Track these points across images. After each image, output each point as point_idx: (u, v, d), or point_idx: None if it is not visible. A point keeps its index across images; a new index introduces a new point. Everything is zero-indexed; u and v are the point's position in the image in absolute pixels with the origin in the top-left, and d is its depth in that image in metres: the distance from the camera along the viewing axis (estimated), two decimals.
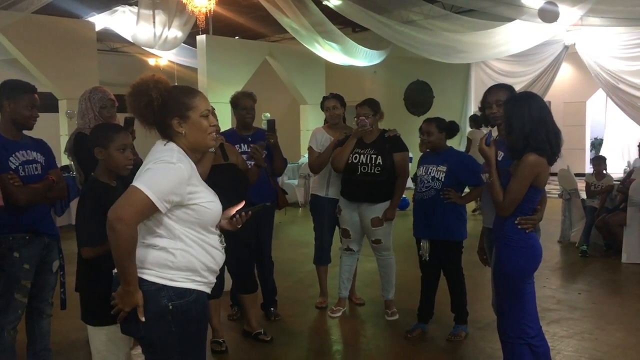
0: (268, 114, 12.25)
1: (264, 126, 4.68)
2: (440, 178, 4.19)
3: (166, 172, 2.11)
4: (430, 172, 4.25)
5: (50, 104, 11.96)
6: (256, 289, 4.38)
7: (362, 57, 12.76)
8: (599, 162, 7.52)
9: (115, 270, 2.25)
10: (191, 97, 2.25)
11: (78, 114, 4.13)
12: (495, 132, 3.43)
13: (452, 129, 4.39)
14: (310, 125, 13.84)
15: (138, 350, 3.20)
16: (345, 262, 4.91)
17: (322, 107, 5.06)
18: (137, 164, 2.56)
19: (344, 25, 12.51)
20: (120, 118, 3.77)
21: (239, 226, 2.48)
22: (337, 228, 5.07)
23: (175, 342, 2.19)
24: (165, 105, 2.20)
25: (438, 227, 4.23)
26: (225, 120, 9.49)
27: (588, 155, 15.70)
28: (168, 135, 2.24)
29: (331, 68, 14.58)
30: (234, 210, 2.45)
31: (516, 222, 2.95)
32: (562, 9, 8.96)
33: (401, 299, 5.03)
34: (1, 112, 3.35)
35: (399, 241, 5.46)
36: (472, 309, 4.92)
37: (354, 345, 4.46)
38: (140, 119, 2.24)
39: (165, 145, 2.22)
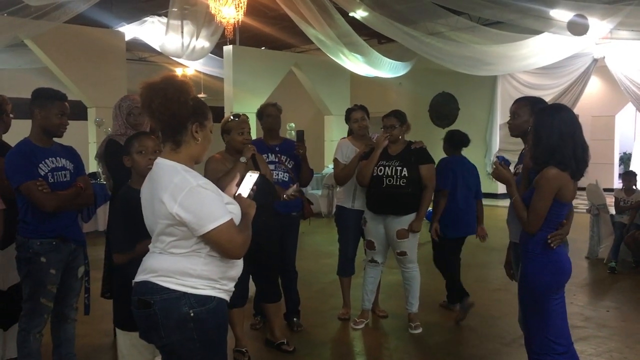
0: (293, 124, 12.33)
1: (289, 136, 4.70)
2: None
3: (202, 197, 2.12)
4: None
5: (79, 112, 12.18)
6: (280, 299, 4.36)
7: (387, 69, 12.74)
8: (629, 177, 7.38)
9: (135, 280, 2.27)
10: (208, 109, 2.28)
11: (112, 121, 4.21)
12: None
13: (456, 140, 5.15)
14: (335, 136, 13.85)
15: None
16: (370, 274, 4.88)
17: (348, 119, 5.03)
18: None
19: (370, 36, 12.53)
20: None
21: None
22: (361, 239, 5.04)
23: (196, 349, 2.19)
24: (193, 107, 2.20)
25: None
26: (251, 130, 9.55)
27: (617, 170, 15.44)
28: (177, 139, 2.21)
29: (356, 79, 14.59)
30: (234, 188, 2.40)
31: (549, 241, 2.90)
32: (592, 22, 8.85)
33: (425, 312, 4.97)
34: (32, 119, 3.40)
35: (424, 254, 5.41)
36: (498, 324, 4.87)
37: (377, 358, 4.42)
38: (151, 114, 2.21)
39: (166, 164, 2.20)
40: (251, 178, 2.40)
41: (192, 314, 2.16)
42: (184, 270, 2.17)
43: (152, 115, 2.20)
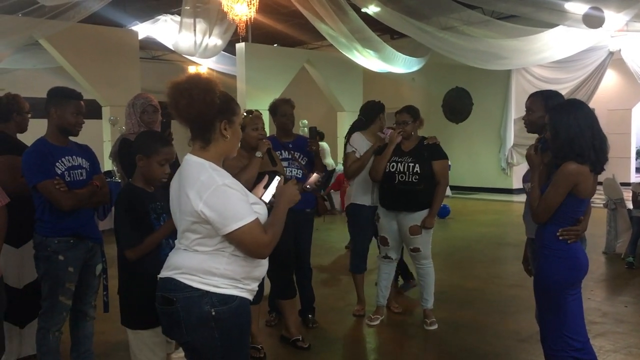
0: (306, 121, 12.32)
1: (301, 132, 4.69)
2: None
3: (227, 196, 2.12)
4: None
5: (94, 110, 12.26)
6: (295, 295, 4.37)
7: (400, 64, 12.70)
8: None
9: (159, 275, 2.28)
10: (236, 105, 2.28)
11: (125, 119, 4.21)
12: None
13: None
14: None
15: (180, 353, 3.22)
16: (384, 270, 4.87)
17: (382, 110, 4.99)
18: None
19: (382, 32, 12.48)
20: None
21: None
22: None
23: (217, 348, 2.20)
24: (219, 105, 2.19)
25: None
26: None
27: (633, 163, 15.29)
28: (206, 137, 2.22)
29: (369, 75, 14.55)
30: (261, 190, 2.42)
31: (558, 233, 2.88)
32: (608, 14, 8.74)
33: (440, 308, 4.95)
34: (48, 118, 3.43)
35: (439, 250, 5.39)
36: (514, 320, 4.84)
37: (392, 354, 4.41)
38: (177, 115, 2.21)
39: (194, 161, 2.20)
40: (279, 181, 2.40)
41: (213, 313, 2.16)
42: (208, 268, 2.17)
43: (180, 116, 2.19)
